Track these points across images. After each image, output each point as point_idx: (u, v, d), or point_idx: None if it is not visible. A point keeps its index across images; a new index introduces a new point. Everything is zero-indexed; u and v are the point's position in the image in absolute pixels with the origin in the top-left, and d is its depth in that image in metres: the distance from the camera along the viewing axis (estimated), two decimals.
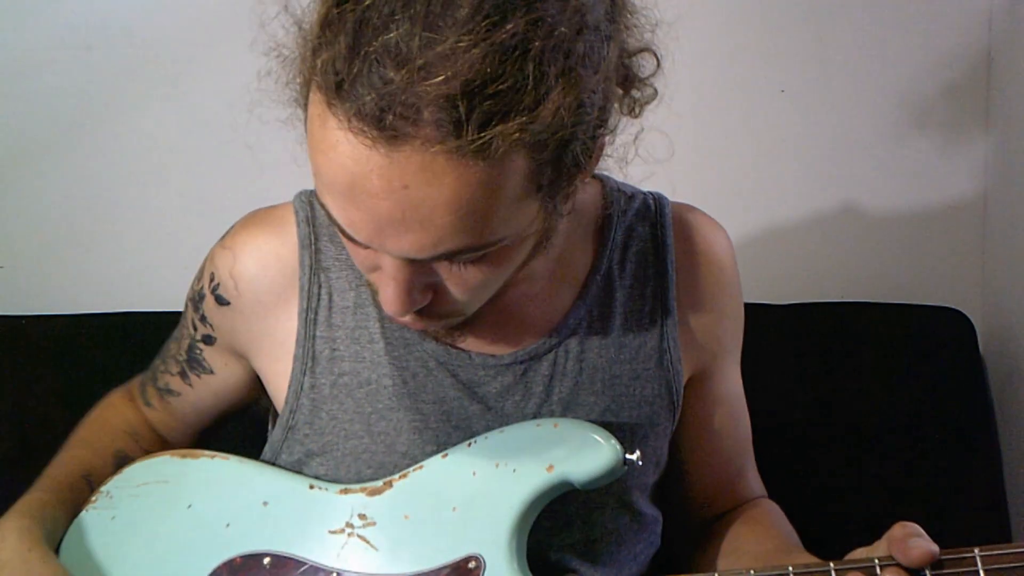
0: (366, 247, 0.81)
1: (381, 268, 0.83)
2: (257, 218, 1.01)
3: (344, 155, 0.75)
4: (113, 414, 1.12)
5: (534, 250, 0.87)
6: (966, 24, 1.51)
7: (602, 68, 0.78)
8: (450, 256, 0.79)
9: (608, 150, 0.89)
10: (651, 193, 1.06)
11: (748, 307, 1.12)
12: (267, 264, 0.99)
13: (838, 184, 1.57)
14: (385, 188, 0.74)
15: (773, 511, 1.08)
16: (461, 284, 0.84)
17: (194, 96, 1.54)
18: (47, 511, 0.97)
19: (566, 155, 0.78)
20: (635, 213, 1.03)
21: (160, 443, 1.11)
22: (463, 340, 0.98)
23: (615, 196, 1.03)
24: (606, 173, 1.05)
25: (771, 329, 1.42)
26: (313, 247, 0.98)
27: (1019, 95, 1.44)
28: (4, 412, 1.39)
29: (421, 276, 0.82)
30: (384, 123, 0.72)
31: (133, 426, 1.11)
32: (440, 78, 0.70)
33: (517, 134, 0.72)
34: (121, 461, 1.05)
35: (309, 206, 1.00)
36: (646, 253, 1.02)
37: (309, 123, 0.78)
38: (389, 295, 0.83)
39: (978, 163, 1.54)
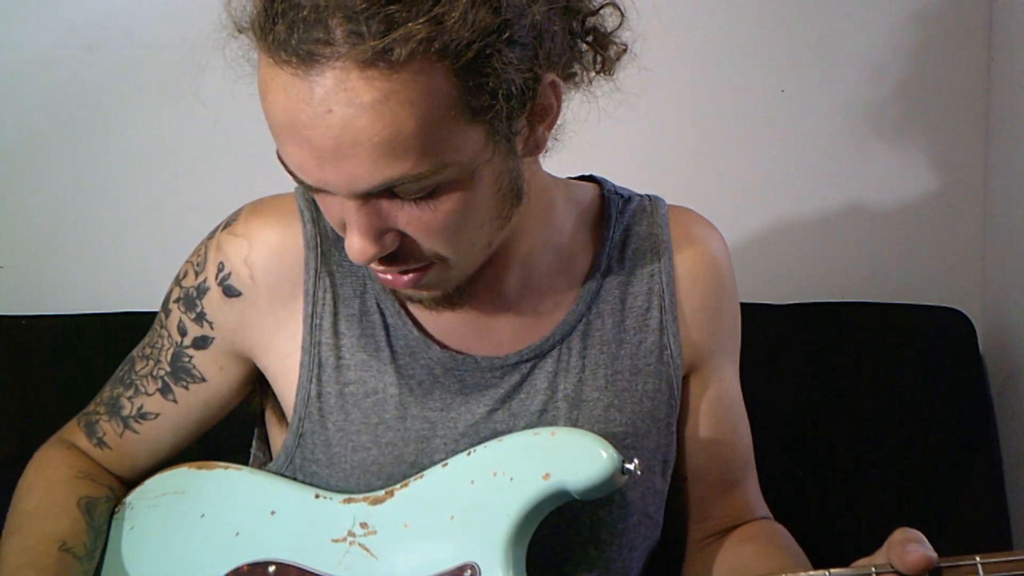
0: (318, 190, 0.83)
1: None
2: (267, 207, 1.00)
3: (277, 92, 0.77)
4: (54, 469, 1.04)
5: (507, 200, 0.87)
6: (966, 24, 1.51)
7: None
8: (391, 186, 0.79)
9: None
10: (647, 195, 1.06)
11: (748, 307, 1.12)
12: (284, 253, 0.98)
13: (838, 184, 1.57)
14: (313, 116, 0.76)
15: (780, 531, 1.06)
16: (423, 227, 0.83)
17: (194, 96, 1.54)
18: None
19: (496, 77, 0.78)
20: (632, 213, 1.04)
21: (117, 482, 1.06)
22: (467, 343, 0.98)
23: (612, 198, 1.04)
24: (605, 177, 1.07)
25: (771, 329, 1.42)
26: (319, 249, 0.98)
27: (1019, 95, 1.44)
28: (4, 412, 1.39)
29: (378, 218, 0.82)
30: (298, 46, 0.75)
31: (84, 470, 1.04)
32: None
33: (420, 39, 0.74)
34: (90, 508, 1.01)
35: (314, 205, 0.99)
36: (644, 251, 1.03)
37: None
38: (351, 242, 0.83)
39: (978, 163, 1.54)
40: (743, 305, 1.11)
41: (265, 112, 0.80)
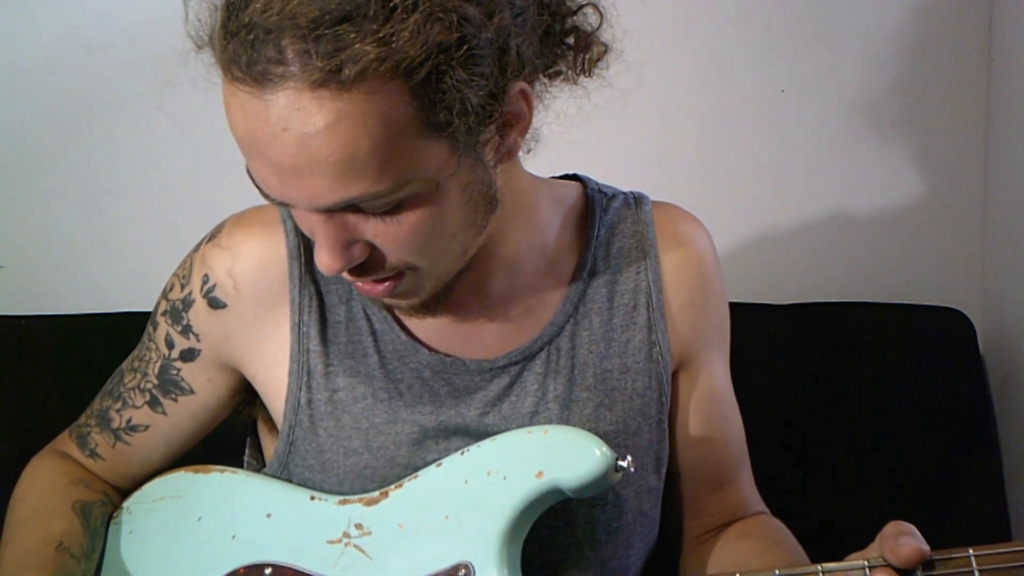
0: (284, 204, 0.83)
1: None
2: (251, 218, 1.00)
3: (236, 109, 0.78)
4: (47, 477, 1.05)
5: (480, 209, 0.87)
6: (966, 24, 1.51)
7: (493, 4, 0.79)
8: (353, 204, 0.80)
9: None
10: (631, 192, 1.06)
11: (748, 307, 1.12)
12: (267, 264, 0.98)
13: (838, 184, 1.57)
14: (271, 134, 0.76)
15: (776, 526, 1.06)
16: (390, 239, 0.83)
17: (195, 97, 1.54)
18: None
19: (454, 93, 0.77)
20: (616, 211, 1.04)
21: (111, 488, 1.07)
22: (455, 347, 0.98)
23: (596, 196, 1.04)
24: (588, 175, 1.06)
25: (771, 329, 1.42)
26: (303, 258, 0.98)
27: (1019, 95, 1.44)
28: (4, 412, 1.39)
29: (344, 231, 0.83)
30: (252, 66, 0.75)
31: (77, 477, 1.05)
32: (293, 12, 0.73)
33: (370, 58, 0.73)
34: (85, 511, 1.01)
35: None
36: (630, 249, 1.02)
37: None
38: (319, 255, 0.83)
39: (978, 163, 1.54)
40: (743, 305, 1.11)
41: (229, 128, 0.80)
